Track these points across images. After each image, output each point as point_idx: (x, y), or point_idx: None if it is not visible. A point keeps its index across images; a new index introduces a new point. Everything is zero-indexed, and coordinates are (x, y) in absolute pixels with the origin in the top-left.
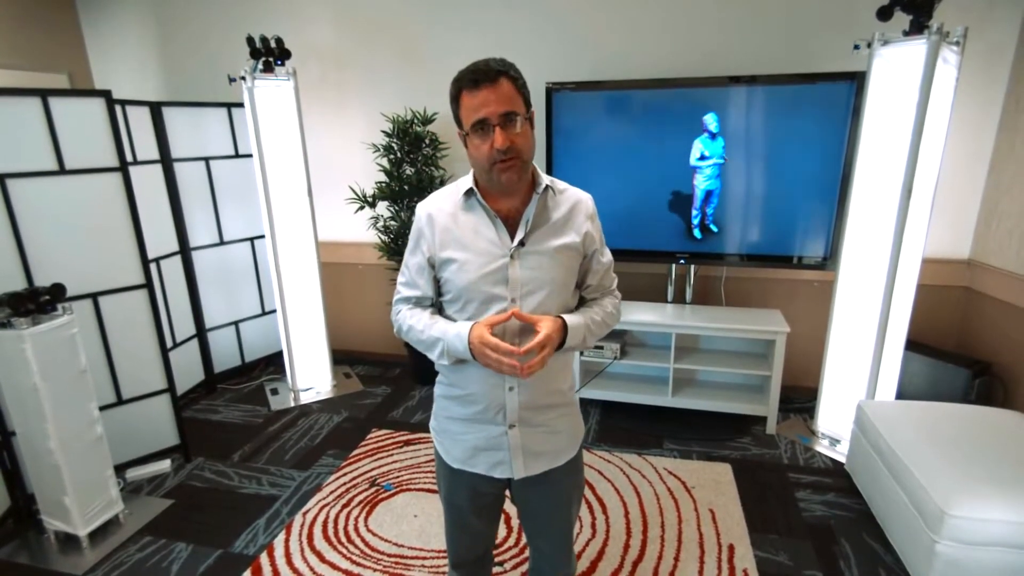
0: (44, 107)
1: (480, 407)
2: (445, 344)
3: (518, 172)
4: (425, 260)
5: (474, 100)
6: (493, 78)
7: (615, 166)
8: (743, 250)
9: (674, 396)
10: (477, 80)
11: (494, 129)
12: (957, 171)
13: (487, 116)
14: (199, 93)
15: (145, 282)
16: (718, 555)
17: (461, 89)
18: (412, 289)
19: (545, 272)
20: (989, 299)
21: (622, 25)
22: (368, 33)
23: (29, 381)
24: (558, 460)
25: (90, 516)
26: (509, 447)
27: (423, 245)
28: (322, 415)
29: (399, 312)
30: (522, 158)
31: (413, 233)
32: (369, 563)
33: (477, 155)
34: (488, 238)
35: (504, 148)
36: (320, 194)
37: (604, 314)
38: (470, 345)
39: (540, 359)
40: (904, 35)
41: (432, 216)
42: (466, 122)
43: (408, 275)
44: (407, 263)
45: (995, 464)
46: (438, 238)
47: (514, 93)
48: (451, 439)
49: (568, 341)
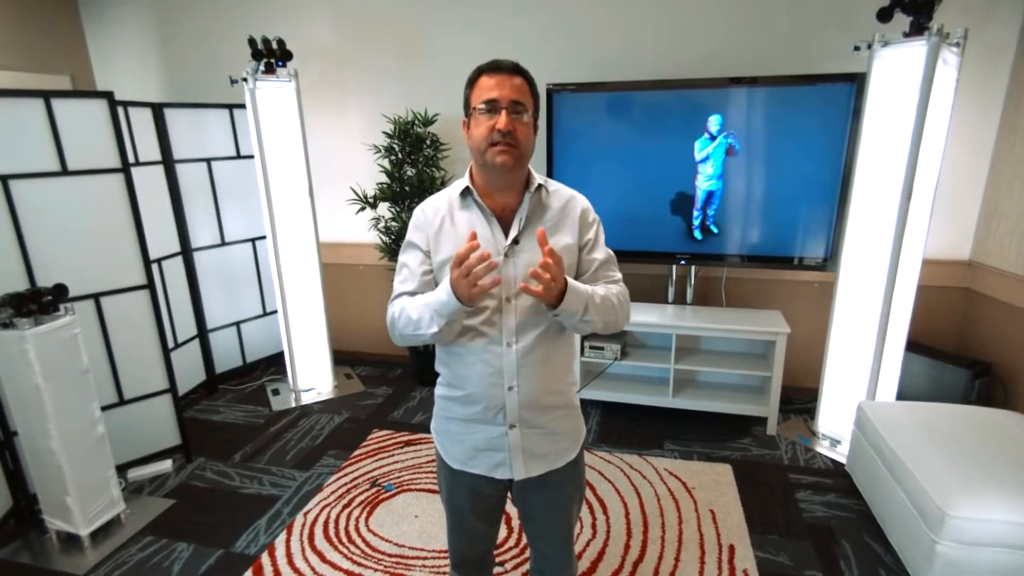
0: (47, 108)
1: (480, 407)
2: (433, 305)
3: (513, 158)
4: (423, 253)
5: (491, 81)
6: (512, 71)
7: (616, 167)
8: (744, 251)
9: (675, 397)
10: (499, 67)
11: (501, 112)
12: (957, 172)
13: (498, 97)
14: (201, 94)
15: (147, 283)
16: (718, 556)
17: (481, 72)
18: (411, 282)
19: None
20: (989, 300)
21: (623, 26)
22: (369, 34)
23: (31, 381)
24: (559, 462)
25: (92, 516)
26: (509, 448)
27: (420, 244)
28: (323, 415)
29: (392, 305)
30: (520, 148)
31: (409, 235)
32: (370, 563)
33: (476, 134)
34: (483, 236)
35: (505, 130)
36: (321, 195)
37: (607, 292)
38: (452, 287)
39: (549, 260)
40: (904, 36)
41: (427, 215)
42: (476, 101)
43: (406, 271)
44: (404, 263)
45: (995, 465)
46: (433, 237)
47: (527, 90)
48: (451, 440)
49: (566, 297)
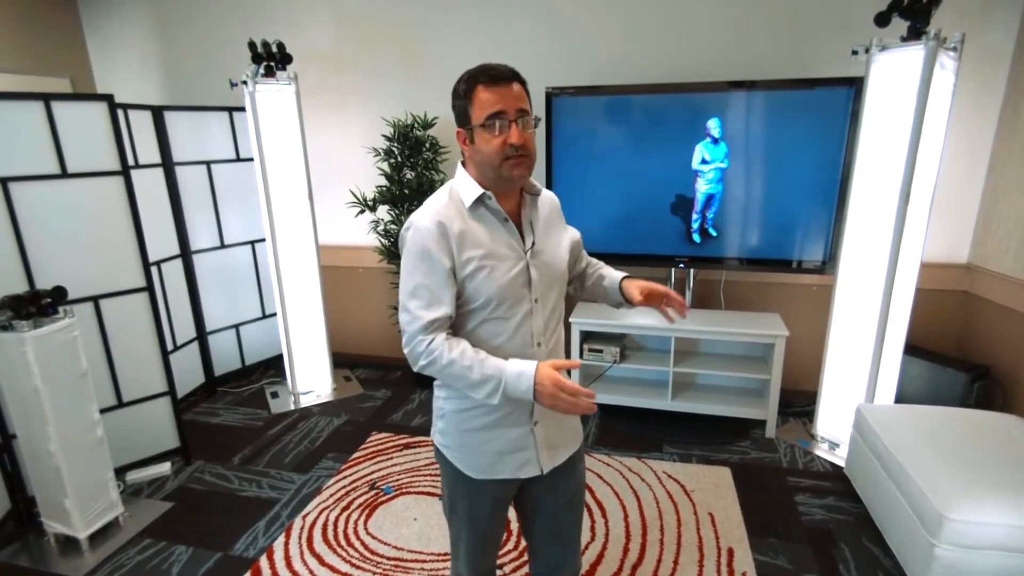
0: (46, 111)
1: (506, 411)
2: (503, 383)
3: (528, 169)
4: (448, 270)
5: (492, 95)
6: (509, 78)
7: (615, 171)
8: (742, 254)
9: (674, 400)
10: (496, 77)
11: (510, 125)
12: (955, 175)
13: (505, 109)
14: (200, 97)
15: (146, 285)
16: (717, 559)
17: (477, 84)
18: (437, 308)
19: (552, 270)
20: (988, 303)
21: (622, 30)
22: (369, 37)
23: (30, 384)
24: (571, 448)
25: (90, 519)
26: (536, 444)
27: (442, 256)
28: (322, 418)
29: (430, 342)
30: (531, 156)
31: (419, 251)
32: (368, 566)
33: (487, 149)
34: (504, 242)
35: (520, 144)
36: (321, 198)
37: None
38: (537, 387)
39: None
40: (902, 41)
41: (444, 224)
42: (479, 116)
43: (428, 295)
44: (423, 284)
45: (994, 468)
46: (457, 244)
47: (526, 94)
48: (471, 452)
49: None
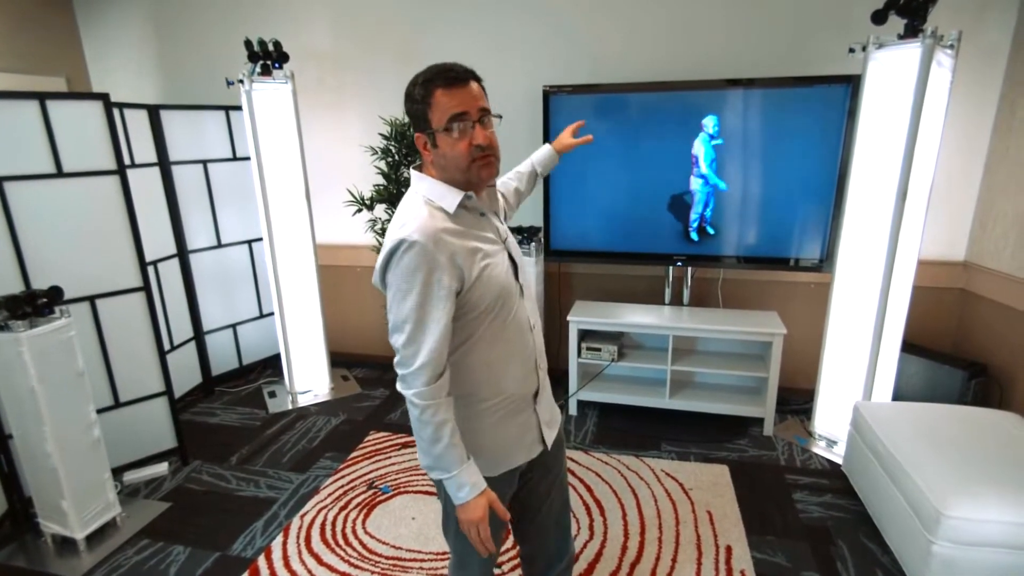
0: (42, 110)
1: (514, 398)
2: (456, 481)
3: (496, 169)
4: (453, 296)
5: (452, 98)
6: (466, 79)
7: (612, 169)
8: (740, 252)
9: (671, 398)
10: (454, 79)
11: (474, 126)
12: (952, 173)
13: (467, 110)
14: (197, 96)
15: (143, 285)
16: (715, 556)
17: (435, 87)
18: (439, 363)
19: (518, 250)
20: (985, 301)
21: (619, 28)
22: (366, 36)
23: (26, 384)
24: (558, 423)
25: (87, 519)
26: (538, 423)
27: (444, 278)
28: (320, 418)
29: (434, 406)
30: (497, 155)
31: (422, 272)
32: (367, 565)
33: (453, 153)
34: (488, 237)
35: (487, 144)
36: (318, 197)
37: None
38: (470, 504)
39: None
40: (899, 38)
41: (439, 238)
42: (440, 119)
43: (432, 342)
44: (425, 324)
45: (991, 465)
46: (461, 254)
47: (483, 92)
48: (486, 454)
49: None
